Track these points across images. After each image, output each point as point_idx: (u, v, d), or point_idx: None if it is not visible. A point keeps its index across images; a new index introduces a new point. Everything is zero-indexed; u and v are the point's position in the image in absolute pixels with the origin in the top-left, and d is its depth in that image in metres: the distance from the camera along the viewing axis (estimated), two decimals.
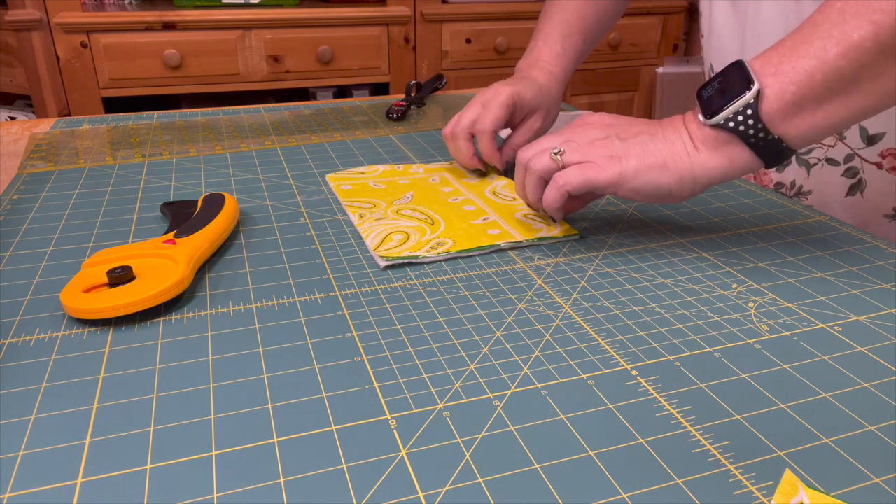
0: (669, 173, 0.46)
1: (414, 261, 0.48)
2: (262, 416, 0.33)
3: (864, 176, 0.64)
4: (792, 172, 0.69)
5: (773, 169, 0.71)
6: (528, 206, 0.54)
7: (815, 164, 0.67)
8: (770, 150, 0.44)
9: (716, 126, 0.44)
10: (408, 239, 0.51)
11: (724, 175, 0.46)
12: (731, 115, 0.44)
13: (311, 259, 0.49)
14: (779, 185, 0.71)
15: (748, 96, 0.43)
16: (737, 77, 0.44)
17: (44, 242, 0.51)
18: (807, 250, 0.51)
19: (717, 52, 0.71)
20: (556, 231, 0.53)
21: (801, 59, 0.42)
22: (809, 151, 0.67)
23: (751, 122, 0.43)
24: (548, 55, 0.68)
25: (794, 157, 0.69)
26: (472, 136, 0.63)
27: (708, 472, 0.30)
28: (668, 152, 0.46)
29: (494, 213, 0.56)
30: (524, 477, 0.30)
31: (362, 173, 0.65)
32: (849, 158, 0.64)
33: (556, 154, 0.48)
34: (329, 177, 0.64)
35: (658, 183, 0.46)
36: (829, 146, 0.65)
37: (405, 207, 0.57)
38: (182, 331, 0.40)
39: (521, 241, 0.51)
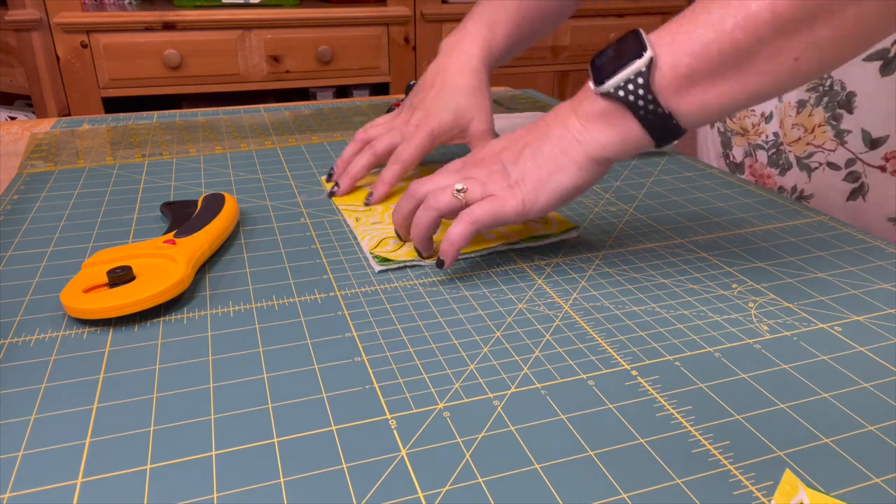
0: (566, 171, 0.44)
1: (409, 264, 0.48)
2: (262, 416, 0.33)
3: (866, 180, 0.64)
4: (793, 177, 0.69)
5: (777, 172, 0.71)
6: (399, 237, 0.51)
7: (816, 169, 0.67)
8: (659, 125, 0.42)
9: (606, 95, 0.42)
10: (403, 245, 0.51)
11: (621, 150, 0.43)
12: (622, 84, 0.41)
13: (311, 259, 0.49)
14: (780, 189, 0.71)
15: (639, 64, 0.40)
16: (632, 44, 0.42)
17: (44, 242, 0.51)
18: (807, 250, 0.51)
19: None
20: (553, 228, 0.53)
21: (698, 29, 0.39)
22: (810, 156, 0.67)
23: (640, 91, 0.41)
24: (472, 41, 0.63)
25: (795, 161, 0.68)
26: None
27: (708, 472, 0.30)
28: (559, 150, 0.44)
29: None
30: (524, 477, 0.30)
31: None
32: (850, 163, 0.64)
33: (459, 192, 0.46)
34: (325, 181, 0.64)
35: (561, 187, 0.44)
36: (830, 150, 0.65)
37: None
38: (182, 331, 0.40)
39: (516, 242, 0.51)
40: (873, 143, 0.62)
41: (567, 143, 0.44)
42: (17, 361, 0.37)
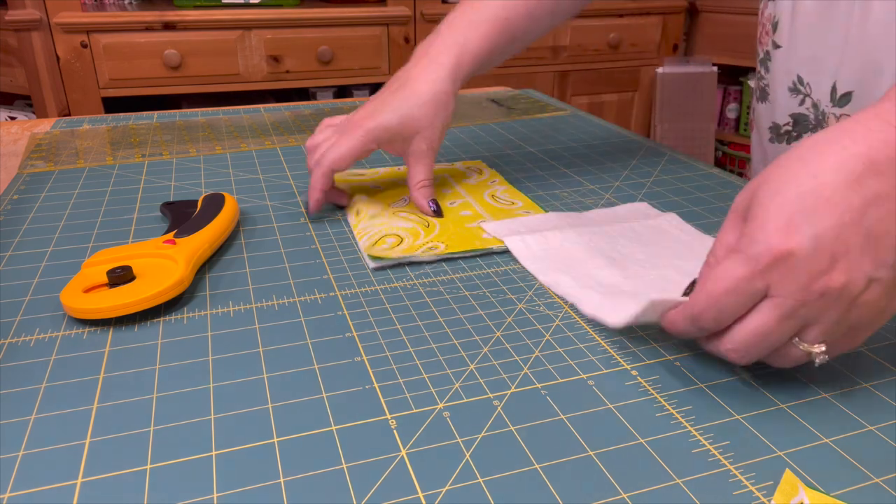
0: None
1: (404, 260, 0.48)
2: (262, 416, 0.33)
3: None
4: None
5: None
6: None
7: None
8: None
9: None
10: (401, 242, 0.50)
11: None
12: None
13: (311, 259, 0.49)
14: None
15: None
16: None
17: (44, 242, 0.51)
18: None
19: (810, 62, 0.60)
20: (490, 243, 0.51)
21: None
22: None
23: None
24: (444, 48, 0.58)
25: None
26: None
27: (708, 472, 0.30)
28: None
29: (490, 217, 0.55)
30: (524, 477, 0.30)
31: (362, 175, 0.65)
32: None
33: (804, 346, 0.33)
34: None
35: None
36: None
37: (402, 210, 0.56)
38: (182, 331, 0.40)
39: (451, 254, 0.49)
40: None
41: None
42: (17, 361, 0.37)
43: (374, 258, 0.48)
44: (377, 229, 0.52)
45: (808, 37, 0.61)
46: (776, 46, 0.65)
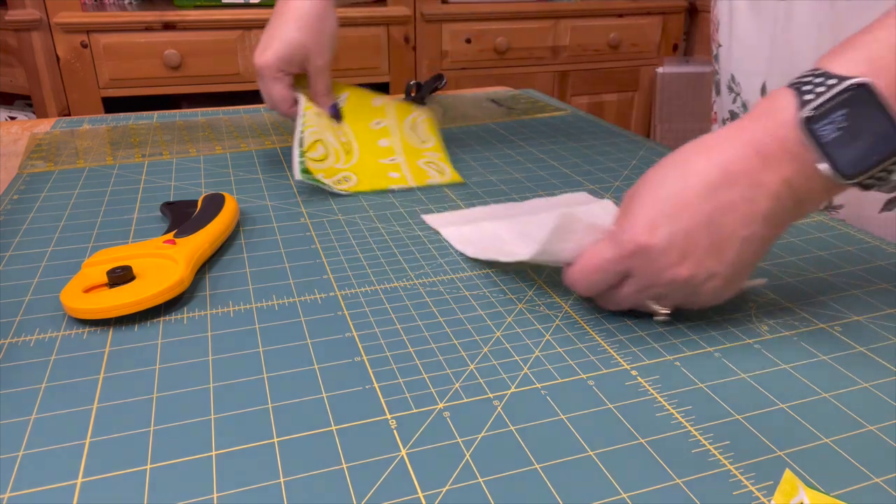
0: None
1: (323, 187, 0.59)
2: (262, 416, 0.33)
3: None
4: None
5: None
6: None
7: None
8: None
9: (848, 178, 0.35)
10: (326, 158, 0.61)
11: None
12: (874, 173, 0.34)
13: (311, 259, 0.49)
14: None
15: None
16: (874, 119, 0.34)
17: (44, 242, 0.51)
18: (807, 250, 0.51)
19: (740, 62, 0.65)
20: (447, 178, 0.63)
21: None
22: None
23: (880, 174, 0.35)
24: None
25: None
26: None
27: (708, 472, 0.30)
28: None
29: (402, 156, 0.65)
30: (524, 477, 0.30)
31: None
32: None
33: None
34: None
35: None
36: None
37: (338, 135, 0.65)
38: (182, 331, 0.40)
39: (412, 188, 0.61)
40: None
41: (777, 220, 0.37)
42: (17, 361, 0.37)
43: (304, 170, 0.58)
44: (313, 131, 0.62)
45: (741, 38, 0.65)
46: (719, 45, 0.68)
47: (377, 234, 0.53)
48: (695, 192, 0.36)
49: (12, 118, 1.71)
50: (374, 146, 0.66)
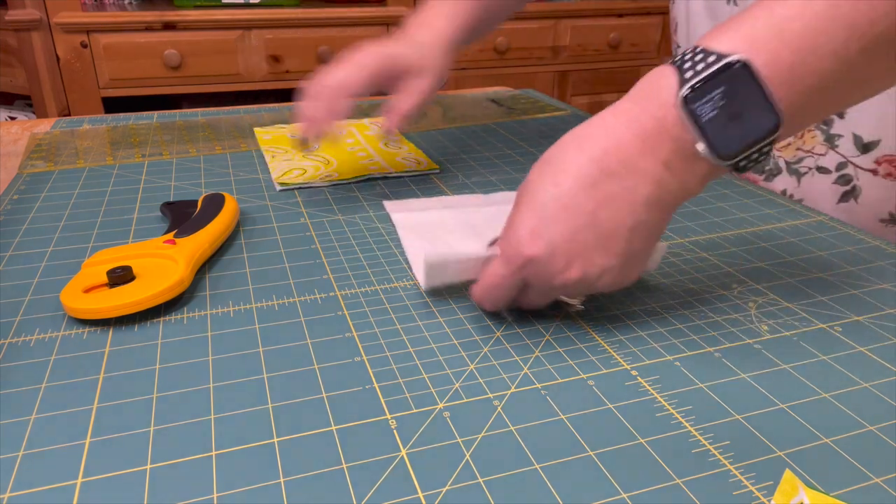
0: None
1: (304, 186, 0.61)
2: (262, 416, 0.33)
3: (858, 183, 0.64)
4: (782, 182, 0.68)
5: (763, 177, 0.70)
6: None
7: (805, 173, 0.66)
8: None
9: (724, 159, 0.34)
10: (305, 173, 0.64)
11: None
12: (750, 154, 0.35)
13: (311, 259, 0.49)
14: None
15: (771, 133, 0.34)
16: (751, 97, 0.33)
17: (44, 242, 0.51)
18: (807, 250, 0.51)
19: None
20: (423, 167, 0.66)
21: (821, 61, 0.32)
22: (800, 161, 0.66)
23: (755, 156, 0.35)
24: (438, 14, 0.61)
25: (784, 166, 0.68)
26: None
27: (708, 472, 0.30)
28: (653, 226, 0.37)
29: (379, 157, 0.70)
30: (524, 477, 0.30)
31: (283, 127, 0.80)
32: (841, 166, 0.64)
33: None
34: (256, 129, 0.78)
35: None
36: (820, 155, 0.65)
37: (311, 155, 0.70)
38: (182, 331, 0.40)
39: (389, 172, 0.65)
40: (865, 148, 0.62)
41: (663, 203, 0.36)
42: (17, 361, 0.37)
43: (282, 184, 0.61)
44: (287, 166, 0.65)
45: (697, 39, 0.64)
46: (678, 46, 0.68)
47: (377, 234, 0.53)
48: (572, 193, 0.36)
49: (12, 118, 1.71)
50: (353, 156, 0.70)
